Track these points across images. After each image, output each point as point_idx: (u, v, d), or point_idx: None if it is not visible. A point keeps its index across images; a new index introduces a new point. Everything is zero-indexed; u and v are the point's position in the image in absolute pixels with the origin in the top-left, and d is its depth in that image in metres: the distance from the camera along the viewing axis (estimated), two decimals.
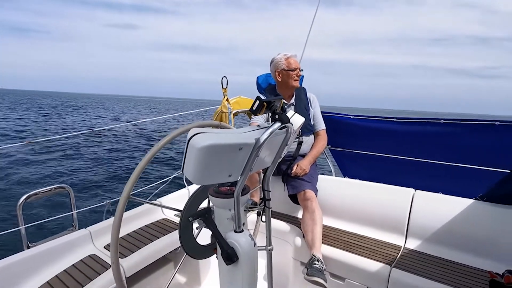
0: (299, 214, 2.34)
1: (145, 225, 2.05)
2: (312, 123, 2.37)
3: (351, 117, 2.60)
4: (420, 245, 1.94)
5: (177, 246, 1.92)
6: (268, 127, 0.86)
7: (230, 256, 0.86)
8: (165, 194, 2.44)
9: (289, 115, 1.04)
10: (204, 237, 1.09)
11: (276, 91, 2.37)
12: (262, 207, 1.14)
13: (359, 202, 2.20)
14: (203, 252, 1.09)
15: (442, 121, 2.16)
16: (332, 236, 2.05)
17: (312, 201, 2.03)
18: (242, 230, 0.90)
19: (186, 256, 1.12)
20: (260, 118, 2.27)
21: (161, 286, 1.98)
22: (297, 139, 2.28)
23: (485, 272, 1.67)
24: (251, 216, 1.28)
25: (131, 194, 0.87)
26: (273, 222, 2.13)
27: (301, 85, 2.45)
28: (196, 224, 1.00)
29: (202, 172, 0.77)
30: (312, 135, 2.38)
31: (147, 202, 1.07)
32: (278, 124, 0.87)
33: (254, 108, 0.84)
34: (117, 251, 0.88)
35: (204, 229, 1.00)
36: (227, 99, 2.49)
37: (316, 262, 1.74)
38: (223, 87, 2.45)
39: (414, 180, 2.26)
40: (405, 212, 2.02)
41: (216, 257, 1.00)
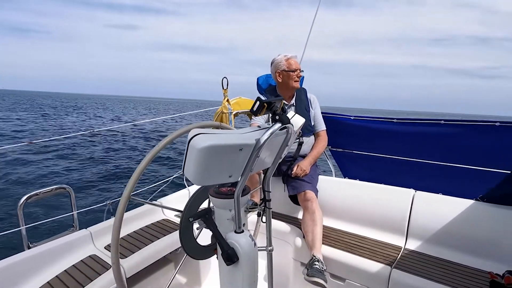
0: (300, 215, 2.34)
1: (146, 226, 2.05)
2: (313, 124, 2.37)
3: (351, 118, 2.60)
4: (421, 246, 1.94)
5: (178, 247, 1.92)
6: (269, 128, 0.86)
7: (231, 257, 0.86)
8: (166, 195, 2.44)
9: (290, 116, 1.04)
10: (205, 238, 1.09)
11: (277, 92, 2.37)
12: (263, 208, 1.15)
13: (360, 203, 2.19)
14: (204, 253, 1.09)
15: (442, 122, 2.16)
16: (333, 237, 2.05)
17: (313, 202, 2.03)
18: (243, 231, 0.91)
19: (187, 257, 1.13)
20: (261, 119, 2.28)
21: (162, 287, 1.98)
22: (298, 140, 2.28)
23: (486, 273, 1.66)
24: (252, 217, 1.28)
25: (132, 195, 0.87)
26: (274, 223, 2.13)
27: (302, 86, 2.45)
28: (197, 225, 1.00)
29: (203, 173, 0.77)
30: (313, 136, 2.38)
31: (148, 203, 1.08)
32: (279, 125, 0.87)
33: (255, 109, 0.84)
34: (118, 252, 0.89)
35: (205, 230, 1.00)
36: (228, 100, 2.50)
37: (317, 263, 1.74)
38: (224, 88, 2.45)
39: (415, 181, 2.27)
40: (406, 213, 2.02)
41: (217, 258, 1.01)
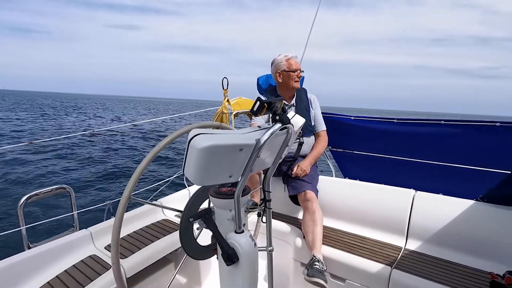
0: (300, 215, 2.34)
1: (146, 226, 2.05)
2: (313, 124, 2.37)
3: (352, 118, 2.60)
4: (421, 246, 1.94)
5: (178, 247, 1.92)
6: (269, 128, 0.85)
7: (231, 257, 0.86)
8: (166, 195, 2.44)
9: (290, 116, 1.04)
10: (205, 238, 1.09)
11: (277, 92, 2.37)
12: (263, 208, 1.14)
13: (360, 203, 2.19)
14: (204, 253, 1.09)
15: (443, 122, 2.16)
16: (333, 237, 2.05)
17: (313, 202, 2.03)
18: (243, 231, 0.90)
19: (187, 257, 1.13)
20: (261, 119, 2.28)
21: (162, 287, 1.98)
22: (298, 140, 2.28)
23: (486, 273, 1.66)
24: (252, 217, 1.28)
25: (132, 195, 0.87)
26: (274, 223, 2.13)
27: (302, 86, 2.45)
28: (197, 225, 1.00)
29: (203, 173, 0.77)
30: (313, 136, 2.38)
31: (148, 203, 1.07)
32: (279, 125, 0.87)
33: (255, 109, 0.84)
34: (118, 252, 0.89)
35: (205, 230, 1.00)
36: (228, 100, 2.50)
37: (317, 263, 1.74)
38: (224, 88, 2.45)
39: (415, 181, 2.27)
40: (406, 213, 2.02)
41: (217, 258, 1.00)
